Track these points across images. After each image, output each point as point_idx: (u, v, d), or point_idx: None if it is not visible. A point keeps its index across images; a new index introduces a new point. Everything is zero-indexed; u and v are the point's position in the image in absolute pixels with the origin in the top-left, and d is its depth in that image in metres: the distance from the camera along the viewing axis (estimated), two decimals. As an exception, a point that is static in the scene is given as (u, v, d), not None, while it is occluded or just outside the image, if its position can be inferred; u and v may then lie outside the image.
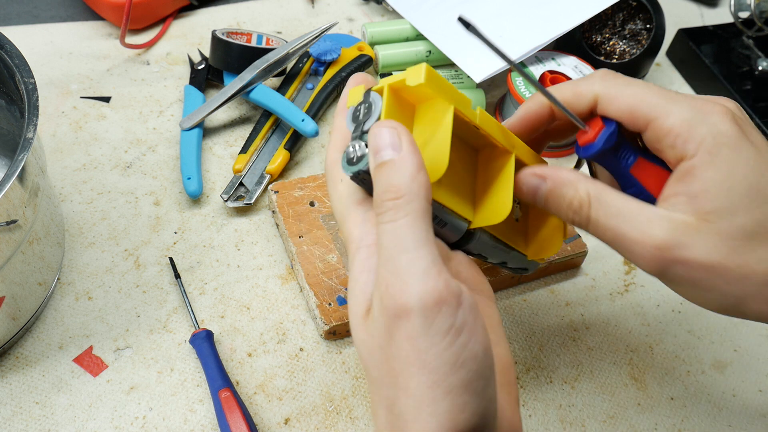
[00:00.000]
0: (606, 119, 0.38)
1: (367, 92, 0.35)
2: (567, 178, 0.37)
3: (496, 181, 0.38)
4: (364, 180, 0.34)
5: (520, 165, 0.39)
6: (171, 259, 0.53)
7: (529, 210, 0.44)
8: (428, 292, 0.29)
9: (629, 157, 0.38)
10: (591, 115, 0.39)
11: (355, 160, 0.33)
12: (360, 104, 0.35)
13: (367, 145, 0.33)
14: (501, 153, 0.39)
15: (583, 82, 0.39)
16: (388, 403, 0.30)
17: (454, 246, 0.39)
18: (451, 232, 0.37)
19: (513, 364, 0.35)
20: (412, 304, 0.28)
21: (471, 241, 0.38)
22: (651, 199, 0.38)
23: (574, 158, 0.57)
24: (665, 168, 0.37)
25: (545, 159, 0.43)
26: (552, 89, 0.40)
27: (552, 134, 0.43)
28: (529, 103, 0.41)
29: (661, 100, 0.36)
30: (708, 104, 0.36)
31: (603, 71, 0.39)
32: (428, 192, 0.31)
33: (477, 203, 0.39)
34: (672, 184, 0.35)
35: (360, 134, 0.34)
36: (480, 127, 0.37)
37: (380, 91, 0.35)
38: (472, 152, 0.40)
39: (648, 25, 0.68)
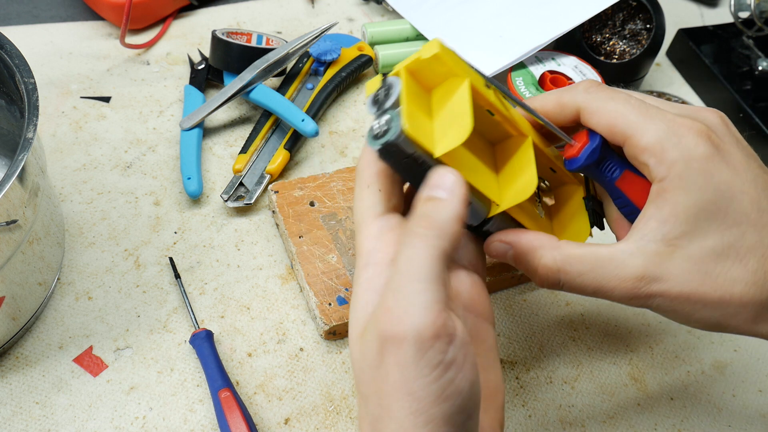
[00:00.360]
0: (592, 133, 0.39)
1: (384, 78, 0.36)
2: (530, 246, 0.38)
3: (517, 162, 0.39)
4: (391, 153, 0.34)
5: (536, 149, 0.40)
6: (171, 259, 0.53)
7: (551, 209, 0.44)
8: (426, 325, 0.29)
9: (615, 170, 0.39)
10: (579, 126, 0.40)
11: (381, 134, 0.34)
12: (379, 90, 0.36)
13: (392, 120, 0.34)
14: (517, 139, 0.40)
15: (566, 93, 0.39)
16: (372, 420, 0.31)
17: (474, 228, 0.39)
18: (474, 213, 0.38)
19: (503, 389, 0.36)
20: (408, 333, 0.29)
21: (490, 221, 0.38)
22: (636, 210, 0.38)
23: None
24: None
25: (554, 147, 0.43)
26: (536, 98, 0.41)
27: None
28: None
29: (638, 118, 0.36)
30: (686, 122, 0.36)
31: (587, 82, 0.39)
32: (457, 241, 0.32)
33: (502, 188, 0.39)
34: (648, 205, 0.36)
35: (383, 112, 0.35)
36: (494, 105, 0.37)
37: (397, 76, 0.36)
38: (489, 146, 0.41)
39: (648, 25, 0.68)
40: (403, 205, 0.38)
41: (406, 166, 0.35)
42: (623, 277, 0.35)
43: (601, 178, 0.40)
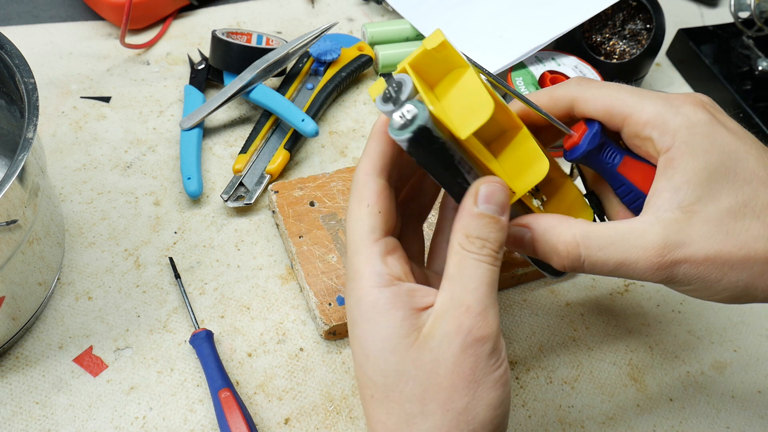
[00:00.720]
0: (589, 122, 0.39)
1: (390, 78, 0.36)
2: (548, 225, 0.38)
3: (520, 153, 0.39)
4: (421, 140, 0.33)
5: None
6: (171, 259, 0.53)
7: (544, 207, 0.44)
8: (498, 329, 0.35)
9: (615, 157, 0.39)
10: (574, 120, 0.40)
11: (408, 122, 0.33)
12: (386, 89, 0.36)
13: (415, 107, 0.33)
14: (511, 133, 0.39)
15: (559, 88, 0.40)
16: (408, 418, 0.34)
17: None
18: None
19: None
20: (492, 334, 0.34)
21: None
22: (641, 195, 0.39)
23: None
24: (651, 164, 0.38)
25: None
26: (529, 97, 0.41)
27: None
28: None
29: (634, 97, 0.38)
30: (679, 97, 0.37)
31: (578, 78, 0.41)
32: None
33: (511, 179, 0.38)
34: (657, 179, 0.37)
35: (401, 105, 0.34)
36: (494, 96, 0.37)
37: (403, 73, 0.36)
38: (486, 145, 0.41)
39: (648, 25, 0.68)
40: (395, 224, 0.38)
41: (436, 154, 0.34)
42: (646, 246, 0.35)
43: (602, 166, 0.40)
